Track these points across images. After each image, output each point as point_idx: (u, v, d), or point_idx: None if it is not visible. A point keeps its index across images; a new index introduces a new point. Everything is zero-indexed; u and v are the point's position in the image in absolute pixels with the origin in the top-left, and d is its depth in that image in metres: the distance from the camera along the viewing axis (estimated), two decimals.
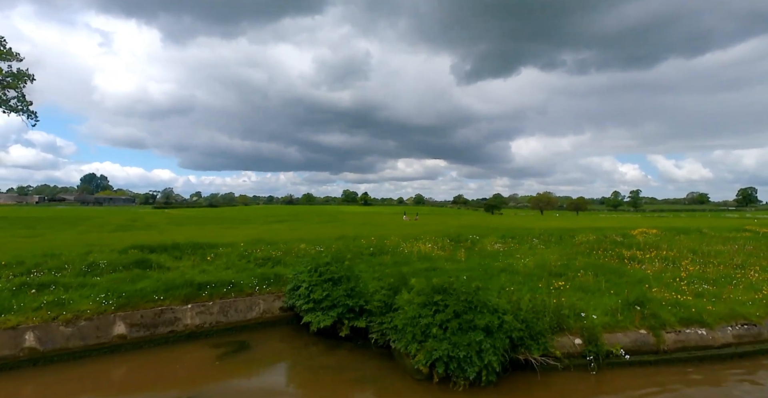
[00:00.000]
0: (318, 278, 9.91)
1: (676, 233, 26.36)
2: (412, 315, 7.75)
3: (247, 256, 12.73)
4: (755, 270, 14.58)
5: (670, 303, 10.13)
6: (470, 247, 17.20)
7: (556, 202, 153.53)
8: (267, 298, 10.55)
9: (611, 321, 9.28)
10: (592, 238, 21.08)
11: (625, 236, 23.08)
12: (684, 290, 11.35)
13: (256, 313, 10.30)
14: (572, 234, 22.20)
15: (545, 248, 18.16)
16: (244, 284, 10.44)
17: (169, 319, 9.08)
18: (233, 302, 10.00)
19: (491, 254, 15.77)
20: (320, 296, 9.62)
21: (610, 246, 17.51)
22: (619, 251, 16.29)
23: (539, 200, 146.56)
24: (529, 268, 13.02)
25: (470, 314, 7.40)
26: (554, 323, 8.80)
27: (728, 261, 16.00)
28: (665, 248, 17.83)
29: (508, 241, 19.27)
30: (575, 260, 14.69)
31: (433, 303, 7.66)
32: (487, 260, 14.08)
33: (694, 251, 17.67)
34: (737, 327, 9.93)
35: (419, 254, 14.87)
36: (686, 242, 21.34)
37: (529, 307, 8.63)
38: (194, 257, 12.34)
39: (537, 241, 19.81)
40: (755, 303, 10.88)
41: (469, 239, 18.34)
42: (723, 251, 18.27)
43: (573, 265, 13.51)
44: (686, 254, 16.81)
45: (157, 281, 9.68)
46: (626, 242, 19.58)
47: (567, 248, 17.78)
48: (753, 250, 19.07)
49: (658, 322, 9.45)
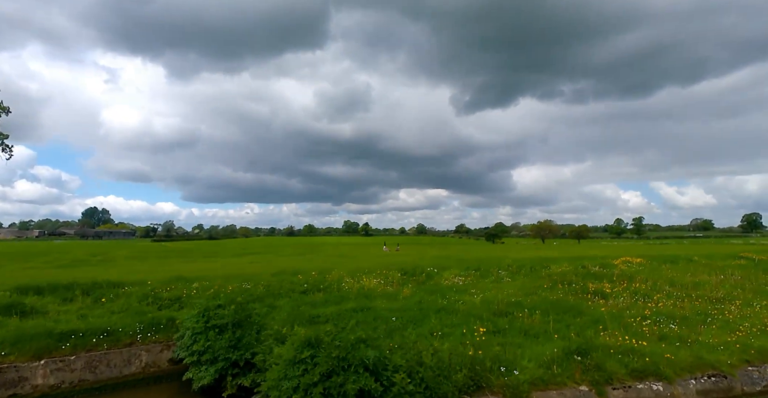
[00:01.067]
0: (204, 324, 8.38)
1: (662, 262, 24.52)
2: (276, 375, 6.19)
3: (152, 296, 11.22)
4: (736, 305, 12.84)
5: (621, 351, 8.44)
6: (423, 281, 15.59)
7: (557, 230, 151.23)
8: (152, 348, 8.98)
9: (546, 375, 7.60)
10: (565, 269, 19.36)
11: (604, 266, 21.34)
12: (644, 332, 9.66)
13: (136, 367, 8.71)
14: (547, 265, 20.49)
15: (511, 281, 16.49)
16: (123, 332, 8.89)
17: (10, 380, 7.52)
18: (104, 355, 8.43)
19: (443, 289, 14.13)
20: (202, 347, 8.07)
21: (579, 279, 15.81)
22: (585, 284, 14.61)
23: (540, 228, 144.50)
24: (473, 306, 11.38)
25: (342, 375, 5.84)
26: (471, 380, 7.16)
27: (709, 294, 14.28)
28: (641, 279, 16.11)
29: (471, 274, 17.62)
30: (533, 296, 13.03)
31: (302, 361, 6.11)
32: (431, 297, 12.46)
33: (672, 283, 15.93)
34: (703, 379, 8.20)
35: (360, 291, 13.28)
36: (668, 272, 19.57)
37: (438, 361, 7.02)
38: (87, 299, 10.85)
39: (504, 273, 18.13)
40: (728, 347, 9.16)
41: (426, 272, 16.72)
42: (706, 282, 16.51)
43: (525, 302, 11.85)
44: (662, 287, 15.09)
45: (7, 332, 8.17)
46: (601, 273, 17.85)
47: (533, 280, 16.09)
48: (740, 280, 17.29)
49: (604, 376, 7.76)
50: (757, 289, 15.51)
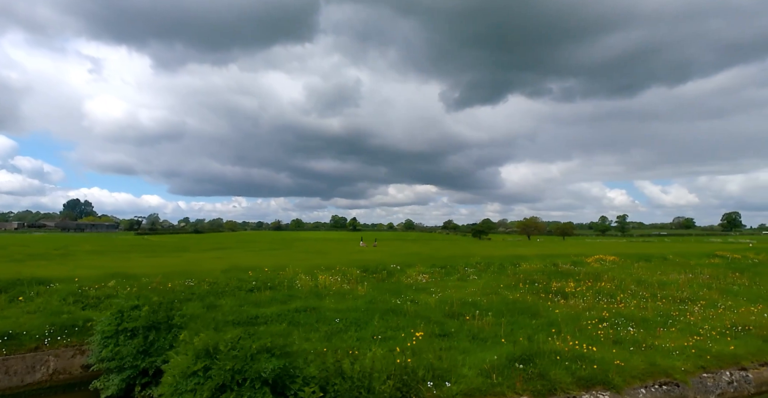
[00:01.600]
0: (115, 327, 7.57)
1: (635, 260, 24.20)
2: (167, 390, 5.44)
3: (77, 295, 10.36)
4: (700, 306, 12.39)
5: (570, 357, 7.82)
6: (384, 279, 14.91)
7: (543, 227, 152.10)
8: (63, 353, 8.16)
9: (484, 386, 6.96)
10: (535, 267, 18.87)
11: (576, 263, 20.92)
12: (599, 336, 9.09)
13: (41, 375, 7.89)
14: (518, 262, 19.97)
15: (476, 279, 15.90)
16: (29, 335, 8.05)
17: None
18: (2, 361, 7.59)
19: (403, 287, 13.47)
20: (110, 353, 7.27)
21: (545, 277, 15.29)
22: (549, 283, 14.07)
23: (526, 225, 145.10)
24: (426, 307, 10.73)
25: (235, 391, 5.11)
26: (399, 392, 6.49)
27: (675, 294, 13.84)
28: (608, 278, 15.64)
29: (437, 271, 16.99)
30: (492, 295, 12.42)
31: (194, 373, 5.37)
32: (384, 297, 11.77)
33: (639, 282, 15.50)
34: (654, 387, 7.63)
35: (312, 290, 12.55)
36: (639, 270, 19.19)
37: (361, 370, 6.32)
38: (3, 298, 9.94)
39: (471, 271, 17.54)
40: (684, 352, 8.62)
41: (389, 269, 16.04)
42: (674, 281, 16.10)
43: (482, 302, 11.24)
44: (628, 286, 14.63)
45: None
46: (570, 271, 17.39)
47: (498, 279, 15.52)
48: (708, 279, 16.92)
49: (547, 385, 7.13)
50: (725, 288, 15.13)
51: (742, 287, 15.60)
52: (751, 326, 10.30)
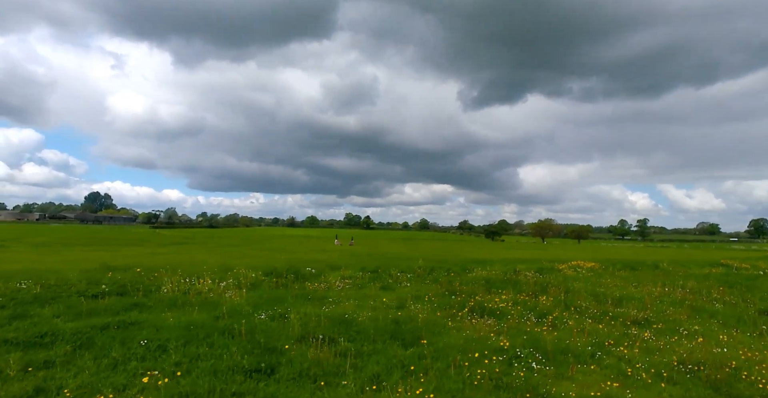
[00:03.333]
0: None
1: (619, 268, 21.25)
2: None
3: None
4: (654, 330, 9.67)
5: None
6: (286, 284, 12.60)
7: (558, 229, 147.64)
8: None
9: None
10: (488, 274, 16.24)
11: (542, 270, 18.16)
12: (477, 376, 6.53)
13: None
14: (472, 268, 17.36)
15: (408, 287, 13.42)
16: None
17: None
18: None
19: (295, 296, 11.12)
20: None
21: (480, 287, 12.72)
22: (479, 296, 11.49)
23: (541, 227, 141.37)
24: (268, 328, 8.35)
25: None
26: None
27: (632, 313, 11.07)
28: (558, 290, 12.94)
29: (365, 276, 14.59)
30: (389, 311, 9.95)
31: None
32: (260, 309, 9.47)
33: (597, 296, 12.75)
34: None
35: (174, 297, 10.33)
36: (611, 281, 16.37)
37: None
38: None
39: (410, 276, 15.06)
40: None
41: (301, 273, 13.72)
42: (641, 295, 13.27)
43: (358, 321, 8.78)
44: (578, 301, 11.91)
45: None
46: (522, 280, 14.71)
47: (428, 287, 13.00)
48: (686, 294, 14.02)
49: None
50: (701, 307, 12.25)
51: (725, 306, 12.69)
52: (704, 364, 7.58)
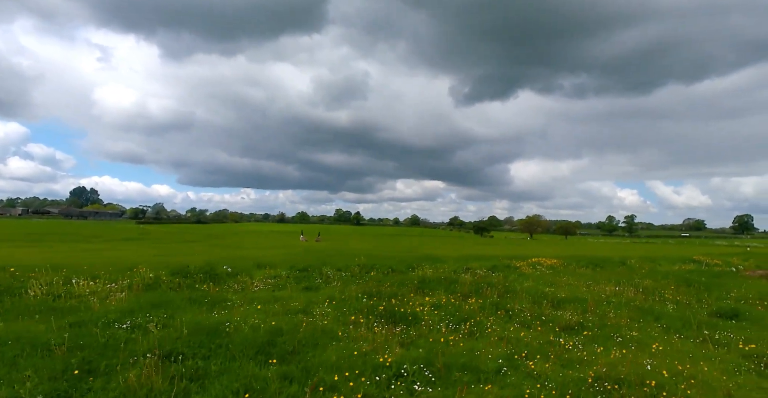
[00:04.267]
0: None
1: (582, 265, 20.11)
2: None
3: None
4: (585, 337, 8.45)
5: None
6: (192, 286, 11.24)
7: (545, 225, 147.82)
8: None
9: None
10: (435, 272, 14.96)
11: (496, 268, 16.96)
12: None
13: None
14: (421, 265, 16.10)
15: (336, 286, 12.15)
16: None
17: None
18: None
19: (192, 299, 9.78)
20: None
21: (407, 290, 11.45)
22: (401, 298, 10.19)
23: (529, 223, 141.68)
24: (114, 339, 7.02)
25: None
26: None
27: (567, 317, 9.86)
28: (494, 291, 11.69)
29: (291, 275, 13.26)
30: (280, 318, 8.65)
31: None
32: (131, 315, 8.13)
33: (538, 297, 11.52)
34: None
35: (33, 300, 8.98)
36: (562, 279, 15.21)
37: None
38: None
39: (344, 275, 13.77)
40: None
41: (215, 272, 12.35)
42: (586, 296, 12.04)
43: (227, 333, 7.48)
44: (511, 304, 10.63)
45: None
46: (468, 279, 13.45)
47: (358, 288, 11.71)
48: (638, 294, 12.87)
49: None
50: (649, 309, 11.07)
51: (676, 307, 11.55)
52: (623, 381, 6.36)
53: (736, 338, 8.92)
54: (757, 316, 10.87)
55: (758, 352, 8.00)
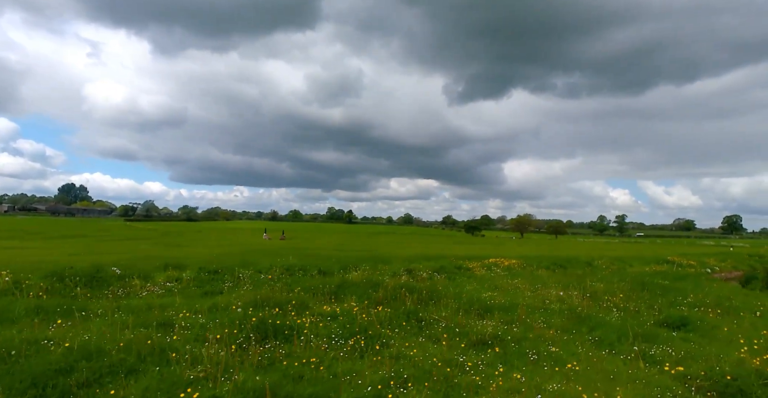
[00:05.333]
0: None
1: (545, 266, 18.72)
2: None
3: None
4: (491, 354, 7.03)
5: None
6: (58, 292, 9.73)
7: (536, 224, 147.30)
8: None
9: None
10: (370, 275, 13.53)
11: (443, 270, 15.54)
12: None
13: None
14: (355, 266, 14.64)
15: (235, 291, 10.68)
16: None
17: None
18: None
19: (61, 308, 8.29)
20: None
21: (314, 296, 10.00)
22: (277, 309, 8.69)
23: (520, 222, 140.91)
24: None
25: None
26: None
27: (488, 329, 8.45)
28: (418, 297, 10.24)
29: (202, 277, 11.78)
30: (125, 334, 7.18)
31: None
32: None
33: (465, 305, 10.08)
34: None
35: None
36: (515, 282, 13.84)
37: None
38: None
39: (264, 278, 12.29)
40: None
41: (102, 276, 10.81)
42: (520, 302, 10.60)
43: None
44: (430, 312, 9.22)
45: None
46: (386, 283, 12.01)
47: (251, 294, 10.26)
48: (585, 299, 11.46)
49: None
50: (589, 316, 9.64)
51: (622, 315, 10.14)
52: None
53: (675, 353, 7.55)
54: (707, 326, 9.50)
55: (693, 373, 6.59)
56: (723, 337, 8.97)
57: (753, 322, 10.06)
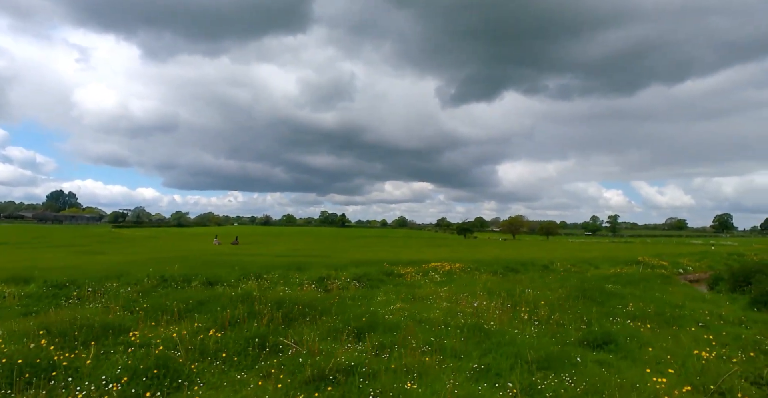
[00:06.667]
0: None
1: (498, 270, 16.70)
2: None
3: None
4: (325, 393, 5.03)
5: None
6: None
7: (529, 226, 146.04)
8: None
9: None
10: (251, 287, 11.50)
11: (365, 277, 13.52)
12: None
13: None
14: (249, 276, 12.61)
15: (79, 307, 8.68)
16: None
17: None
18: None
19: None
20: None
21: (161, 312, 7.98)
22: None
23: (512, 223, 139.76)
24: None
25: None
26: None
27: (340, 357, 6.42)
28: (275, 315, 8.20)
29: (44, 292, 9.75)
30: None
31: None
32: None
33: (343, 321, 8.05)
34: None
35: None
36: (439, 290, 11.82)
37: None
38: None
39: (128, 290, 10.27)
40: None
41: None
42: (406, 320, 8.55)
43: None
44: (240, 343, 7.19)
45: None
46: (224, 293, 10.00)
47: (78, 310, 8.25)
48: (506, 311, 9.42)
49: None
50: (493, 334, 7.63)
51: (541, 331, 8.13)
52: None
53: (576, 384, 5.59)
54: (635, 343, 7.50)
55: None
56: (650, 358, 6.99)
57: (695, 336, 8.08)
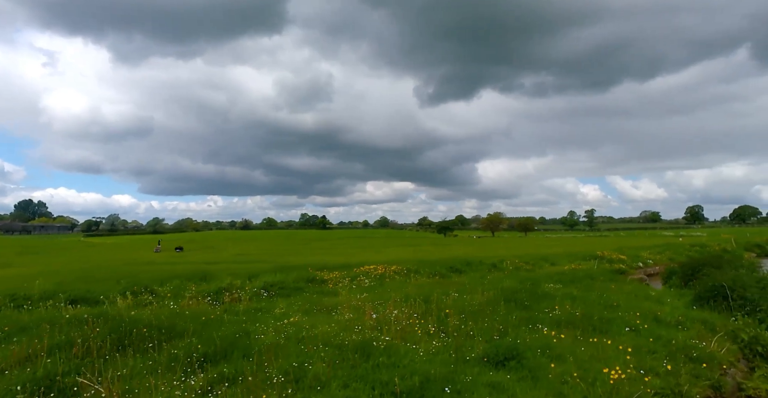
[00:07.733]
0: None
1: (440, 272, 15.21)
2: None
3: None
4: None
5: None
6: None
7: (507, 222, 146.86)
8: None
9: None
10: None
11: (275, 286, 11.84)
12: None
13: None
14: (130, 288, 10.87)
15: None
16: None
17: None
18: None
19: None
20: None
21: None
22: None
23: (491, 221, 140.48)
24: None
25: None
26: None
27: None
28: (105, 345, 6.52)
29: None
30: None
31: None
32: None
33: (189, 347, 6.40)
34: None
35: None
36: (359, 296, 10.22)
37: None
38: None
39: None
40: None
41: None
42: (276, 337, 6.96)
43: None
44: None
45: None
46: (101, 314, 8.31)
47: None
48: (414, 320, 7.88)
49: None
50: (381, 352, 6.07)
51: (441, 345, 6.60)
52: None
53: None
54: (545, 358, 6.04)
55: None
56: (554, 377, 5.53)
57: (623, 344, 6.63)
